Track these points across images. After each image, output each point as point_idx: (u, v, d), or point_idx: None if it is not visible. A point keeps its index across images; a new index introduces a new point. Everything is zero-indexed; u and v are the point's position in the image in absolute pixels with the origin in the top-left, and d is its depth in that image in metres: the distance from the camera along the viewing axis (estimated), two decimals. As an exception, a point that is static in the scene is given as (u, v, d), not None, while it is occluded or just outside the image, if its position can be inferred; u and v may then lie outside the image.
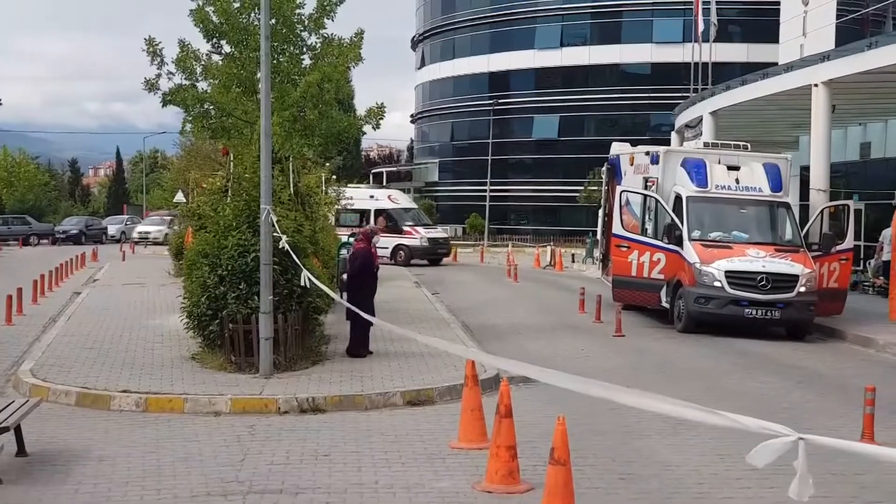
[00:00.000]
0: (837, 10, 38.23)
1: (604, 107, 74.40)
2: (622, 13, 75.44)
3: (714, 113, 33.52)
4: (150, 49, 18.90)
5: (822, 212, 23.54)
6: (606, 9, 75.45)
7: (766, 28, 55.36)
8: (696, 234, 21.48)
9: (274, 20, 18.08)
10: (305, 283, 13.62)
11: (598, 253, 33.22)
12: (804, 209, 28.54)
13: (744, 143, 24.54)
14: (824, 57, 25.85)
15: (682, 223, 21.54)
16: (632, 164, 25.26)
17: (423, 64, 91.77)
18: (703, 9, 49.31)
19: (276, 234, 13.69)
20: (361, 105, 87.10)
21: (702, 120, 34.85)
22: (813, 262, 21.10)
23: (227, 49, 19.66)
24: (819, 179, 25.54)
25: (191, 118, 19.94)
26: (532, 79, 79.27)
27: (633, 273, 22.41)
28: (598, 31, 76.37)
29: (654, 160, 23.61)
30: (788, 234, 22.10)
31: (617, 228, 22.84)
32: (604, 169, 30.47)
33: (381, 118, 20.43)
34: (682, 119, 39.58)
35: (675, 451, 10.57)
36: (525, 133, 79.99)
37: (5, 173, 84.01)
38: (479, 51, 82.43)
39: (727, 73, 45.00)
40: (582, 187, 62.61)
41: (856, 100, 28.53)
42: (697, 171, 22.24)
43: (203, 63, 19.54)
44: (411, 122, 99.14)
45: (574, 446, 8.26)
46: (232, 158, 21.21)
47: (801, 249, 21.41)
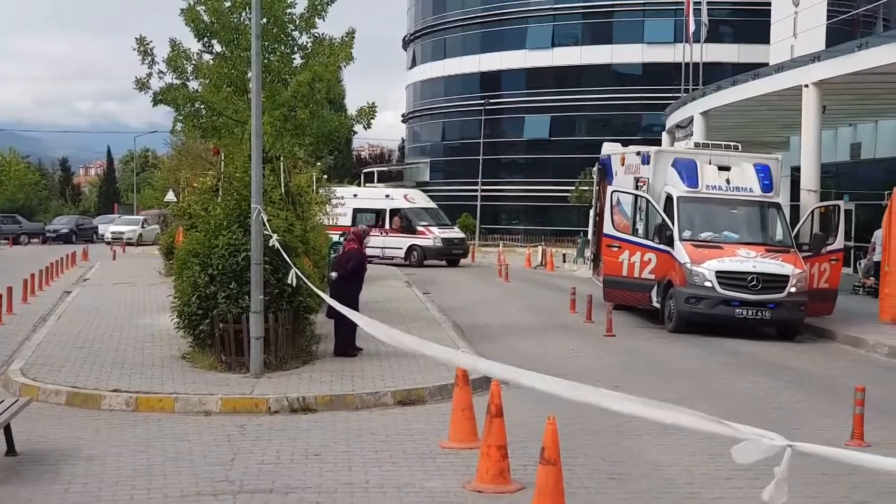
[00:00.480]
0: (828, 10, 38.31)
1: (595, 107, 74.43)
2: (613, 13, 75.52)
3: (705, 113, 33.59)
4: (141, 48, 18.87)
5: (812, 212, 23.60)
6: (598, 9, 75.50)
7: (757, 29, 55.48)
8: (687, 234, 21.51)
9: (265, 19, 18.07)
10: (292, 281, 13.61)
11: (589, 253, 33.23)
12: (795, 209, 28.62)
13: (734, 143, 24.59)
14: (815, 58, 25.92)
15: (673, 223, 21.57)
16: (623, 164, 25.29)
17: (414, 64, 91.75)
18: (695, 9, 49.39)
19: (266, 233, 13.68)
20: (352, 105, 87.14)
21: (693, 120, 34.92)
22: (803, 263, 21.14)
23: (217, 48, 19.63)
24: (809, 180, 25.60)
25: (181, 117, 19.91)
26: (523, 79, 79.30)
27: (624, 273, 22.43)
28: (589, 32, 76.42)
29: (645, 160, 23.64)
30: (779, 235, 22.15)
31: (608, 228, 22.86)
32: (595, 169, 30.49)
33: (373, 118, 20.41)
34: (673, 119, 39.65)
35: (666, 450, 10.58)
36: (516, 133, 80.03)
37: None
38: (470, 51, 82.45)
39: (718, 74, 45.10)
40: (573, 187, 62.65)
41: (846, 100, 28.61)
42: (688, 172, 22.28)
43: (194, 62, 19.51)
44: (402, 121, 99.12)
45: (564, 446, 8.27)
46: (223, 158, 21.19)
47: (792, 250, 21.46)
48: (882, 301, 22.67)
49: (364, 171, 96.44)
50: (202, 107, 19.66)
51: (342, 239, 19.22)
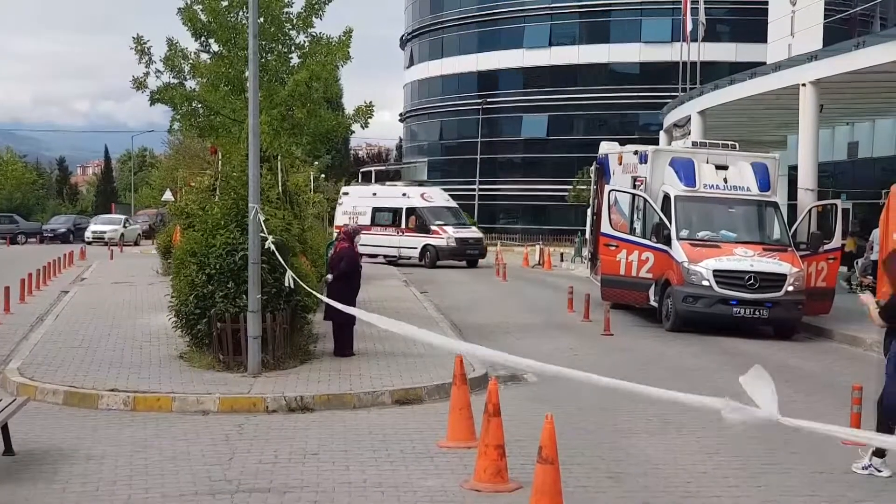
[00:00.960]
0: (825, 10, 38.29)
1: (592, 106, 74.44)
2: (611, 13, 75.52)
3: (702, 112, 33.59)
4: (139, 47, 18.89)
5: (809, 211, 23.61)
6: (595, 8, 75.51)
7: (754, 28, 55.44)
8: (685, 233, 21.51)
9: (262, 19, 18.10)
10: (289, 284, 13.61)
11: (586, 252, 33.26)
12: (792, 208, 28.61)
13: (732, 142, 24.58)
14: (812, 57, 25.92)
15: (671, 222, 21.57)
16: (620, 163, 25.28)
17: (411, 63, 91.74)
18: (692, 8, 49.39)
19: (262, 235, 13.67)
20: (350, 104, 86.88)
21: (690, 119, 34.92)
22: (801, 262, 21.15)
23: (215, 48, 19.67)
24: (807, 179, 25.61)
25: (179, 117, 19.94)
26: (521, 78, 79.30)
27: (622, 272, 22.44)
28: (586, 31, 76.43)
29: (643, 159, 23.64)
30: (776, 234, 22.15)
31: (605, 227, 22.87)
32: (592, 168, 30.51)
33: (370, 117, 20.45)
34: (670, 118, 39.65)
35: (663, 449, 10.58)
36: (514, 132, 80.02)
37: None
38: (467, 50, 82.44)
39: (715, 73, 45.05)
40: (571, 186, 62.67)
41: (843, 99, 28.63)
42: (686, 171, 22.28)
43: (191, 61, 19.54)
44: (400, 121, 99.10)
45: (562, 445, 8.27)
46: (220, 157, 21.22)
47: (789, 249, 21.46)
48: (879, 299, 22.64)
49: (362, 170, 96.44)
50: (199, 106, 19.70)
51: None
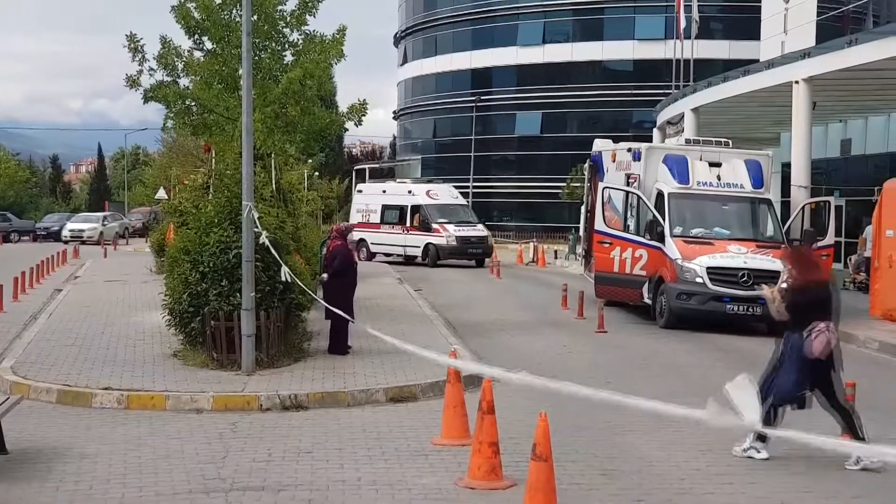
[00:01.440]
0: (818, 7, 38.40)
1: (586, 103, 74.41)
2: (604, 10, 75.48)
3: (696, 110, 33.63)
4: (132, 45, 18.86)
5: (803, 208, 23.64)
6: (588, 5, 75.46)
7: (747, 25, 55.60)
8: (678, 230, 21.53)
9: (256, 16, 18.06)
10: (285, 278, 13.62)
11: (580, 249, 33.26)
12: (785, 205, 28.65)
13: (725, 139, 24.61)
14: (805, 54, 25.97)
15: (664, 220, 21.59)
16: (614, 160, 25.30)
17: (405, 60, 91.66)
18: (685, 6, 49.46)
19: (257, 231, 13.67)
20: (344, 102, 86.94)
21: (683, 117, 34.95)
22: (794, 259, 21.14)
23: (208, 45, 19.63)
24: (800, 176, 25.66)
25: (172, 115, 19.91)
26: (514, 75, 79.28)
27: (616, 269, 22.46)
28: (580, 28, 76.41)
29: (636, 157, 23.65)
30: (770, 231, 22.19)
31: (599, 225, 22.89)
32: (586, 165, 30.49)
33: (364, 115, 20.43)
34: (664, 116, 39.69)
35: (657, 446, 10.60)
36: (508, 130, 79.99)
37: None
38: (461, 47, 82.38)
39: (709, 70, 45.08)
40: (564, 184, 62.60)
41: (836, 97, 28.67)
42: (679, 168, 22.30)
43: (184, 59, 19.51)
44: (394, 118, 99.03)
45: (556, 442, 8.28)
46: (214, 155, 21.19)
47: (783, 245, 21.47)
48: (873, 296, 22.72)
49: (355, 168, 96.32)
50: (193, 104, 19.66)
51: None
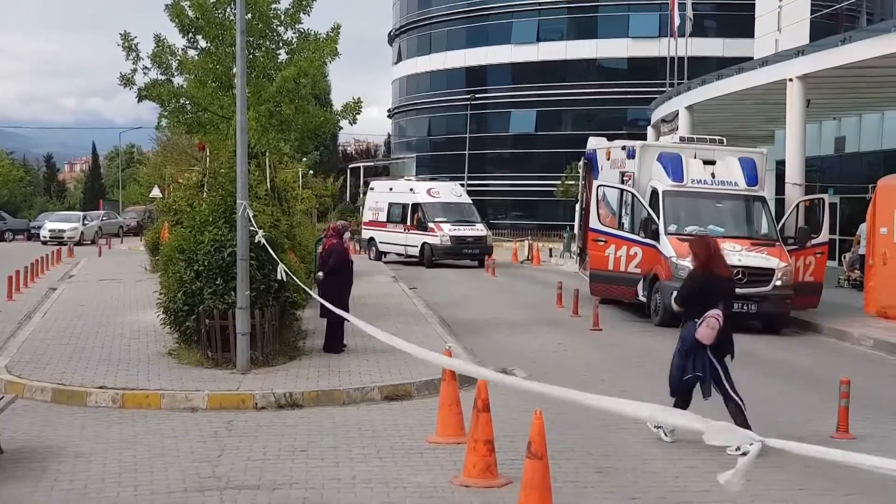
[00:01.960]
0: (812, 5, 38.40)
1: (580, 101, 74.41)
2: (598, 8, 75.49)
3: (690, 107, 33.62)
4: (126, 44, 18.84)
5: (797, 206, 23.66)
6: (583, 3, 75.48)
7: (741, 23, 55.53)
8: (673, 228, 21.54)
9: (250, 15, 18.06)
10: (282, 276, 13.63)
11: (575, 247, 33.30)
12: (780, 203, 28.68)
13: (719, 137, 24.61)
14: (799, 52, 25.97)
15: (659, 217, 21.61)
16: (608, 158, 25.32)
17: (399, 59, 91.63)
18: (679, 3, 49.41)
19: (252, 229, 13.67)
20: (338, 100, 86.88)
21: (678, 114, 34.95)
22: (789, 256, 21.20)
23: (202, 44, 19.62)
24: (794, 173, 25.66)
25: (166, 113, 19.91)
26: (509, 74, 79.28)
27: (611, 267, 22.47)
28: (574, 26, 76.42)
29: (631, 155, 23.66)
30: (764, 228, 22.21)
31: (594, 223, 22.90)
32: (581, 163, 30.52)
33: (358, 113, 20.43)
34: (658, 114, 39.68)
35: (652, 444, 10.61)
36: (502, 128, 79.99)
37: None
38: (455, 46, 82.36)
39: (703, 68, 45.07)
40: (559, 182, 62.65)
41: (830, 94, 28.68)
42: (673, 166, 22.31)
43: (179, 58, 19.50)
44: (388, 116, 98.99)
45: (551, 440, 8.28)
46: (208, 153, 21.19)
47: (777, 243, 21.52)
48: (867, 294, 22.76)
49: (350, 166, 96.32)
50: (187, 102, 19.66)
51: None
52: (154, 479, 9.07)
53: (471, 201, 42.19)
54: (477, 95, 78.10)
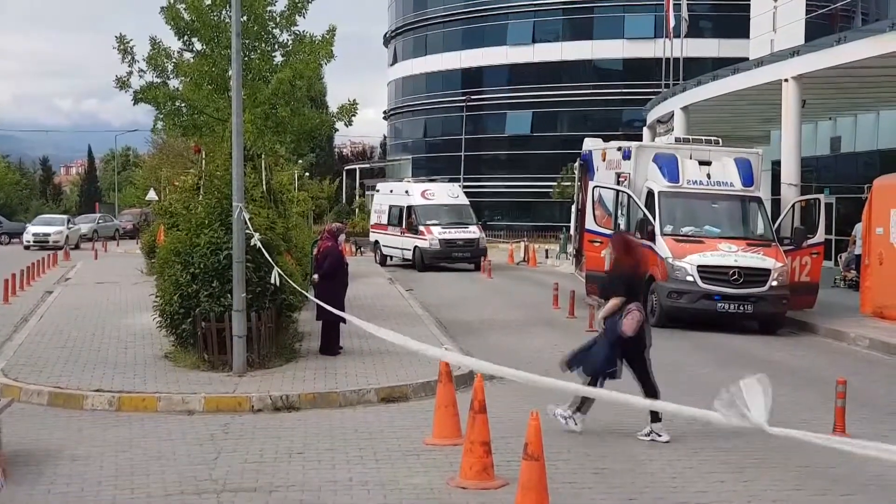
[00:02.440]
0: (807, 5, 38.49)
1: (576, 102, 74.44)
2: (594, 9, 75.50)
3: (685, 108, 33.66)
4: (122, 47, 18.85)
5: (793, 206, 23.69)
6: (578, 5, 75.50)
7: (736, 23, 55.66)
8: (669, 228, 21.56)
9: (245, 17, 18.07)
10: (275, 281, 13.62)
11: (571, 248, 33.28)
12: (776, 203, 28.71)
13: (715, 138, 24.64)
14: (794, 52, 26.01)
15: (655, 218, 21.62)
16: (604, 159, 25.33)
17: (395, 60, 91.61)
18: (674, 4, 49.52)
19: (248, 232, 13.66)
20: (334, 102, 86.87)
21: (673, 115, 34.99)
22: (785, 256, 21.22)
23: (198, 46, 19.61)
24: (790, 174, 25.70)
25: (162, 116, 19.90)
26: (505, 75, 79.26)
27: (607, 268, 22.44)
28: (569, 28, 76.43)
29: (626, 156, 23.67)
30: (760, 229, 22.22)
31: (590, 224, 22.91)
32: (576, 164, 30.54)
33: (354, 115, 20.44)
34: (653, 114, 39.73)
35: (649, 445, 10.61)
36: (498, 129, 79.99)
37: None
38: (451, 47, 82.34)
39: (698, 69, 45.15)
40: (555, 183, 62.66)
41: (826, 94, 28.72)
42: (669, 167, 22.32)
43: (174, 60, 19.50)
44: (384, 118, 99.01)
45: (548, 442, 8.29)
46: (204, 156, 21.16)
47: (773, 243, 21.53)
48: (863, 294, 22.78)
49: (346, 168, 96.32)
50: (183, 105, 19.66)
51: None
52: (151, 482, 9.06)
53: (468, 203, 41.14)
54: (473, 97, 78.10)
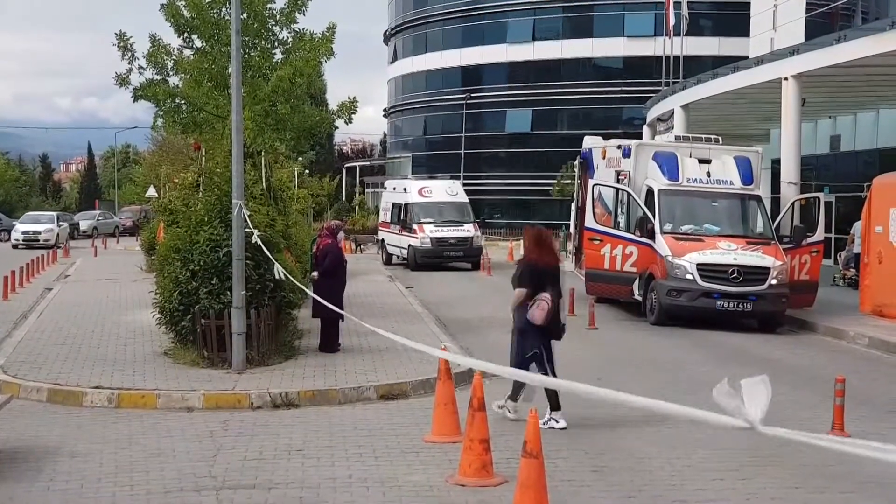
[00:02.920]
0: (807, 4, 38.43)
1: (576, 100, 74.45)
2: (594, 7, 75.50)
3: (685, 106, 33.65)
4: (121, 44, 18.85)
5: (792, 204, 23.69)
6: (578, 3, 75.50)
7: (736, 22, 55.61)
8: (668, 227, 21.56)
9: (245, 14, 18.08)
10: (277, 275, 13.63)
11: (571, 246, 33.27)
12: (775, 202, 28.71)
13: (715, 136, 24.63)
14: (794, 50, 25.99)
15: (654, 216, 21.62)
16: (604, 157, 25.34)
17: (395, 58, 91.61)
18: (675, 3, 49.48)
19: (248, 230, 13.66)
20: (333, 99, 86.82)
21: (673, 113, 34.97)
22: (784, 255, 21.22)
23: (198, 44, 19.63)
24: (790, 172, 25.69)
25: (162, 113, 19.93)
26: (504, 73, 79.26)
27: (606, 266, 22.47)
28: (569, 25, 76.41)
29: (626, 154, 23.67)
30: (760, 227, 22.22)
31: (589, 222, 22.90)
32: (576, 162, 30.54)
33: (354, 112, 20.45)
34: (653, 113, 39.71)
35: (648, 443, 10.61)
36: (498, 127, 79.99)
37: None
38: (451, 45, 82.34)
39: (698, 67, 45.15)
40: (555, 181, 62.68)
41: (825, 93, 28.71)
42: (669, 165, 22.32)
43: (174, 58, 19.51)
44: (384, 116, 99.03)
45: (547, 439, 8.29)
46: (203, 153, 21.14)
47: (773, 242, 21.53)
48: (862, 292, 22.78)
49: (346, 165, 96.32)
50: (183, 102, 19.67)
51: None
52: (150, 479, 9.07)
53: (467, 200, 39.99)
54: (473, 95, 78.12)
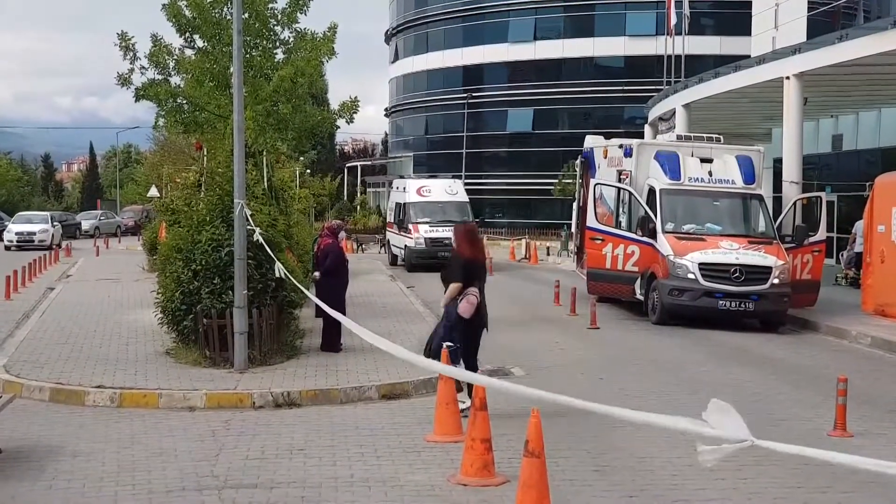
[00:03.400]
0: (809, 3, 38.47)
1: (577, 100, 74.45)
2: (595, 6, 75.49)
3: (687, 106, 33.64)
4: (123, 44, 18.86)
5: (794, 203, 23.68)
6: (579, 2, 75.50)
7: (738, 21, 55.62)
8: (670, 226, 21.56)
9: (247, 14, 18.09)
10: (279, 274, 13.63)
11: (572, 246, 33.27)
12: (777, 201, 28.71)
13: (717, 135, 24.62)
14: (795, 49, 25.98)
15: (656, 216, 21.62)
16: (605, 157, 25.33)
17: (396, 58, 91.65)
18: (676, 2, 49.45)
19: (249, 228, 13.67)
20: (335, 99, 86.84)
21: (675, 113, 34.97)
22: (786, 254, 21.22)
23: (199, 43, 19.64)
24: (792, 171, 25.68)
25: (164, 113, 19.94)
26: (506, 72, 79.27)
27: (608, 265, 22.47)
28: (571, 25, 76.42)
29: (628, 153, 23.67)
30: (761, 226, 22.21)
31: (591, 221, 22.90)
32: (578, 162, 30.53)
33: (355, 112, 20.45)
34: (655, 112, 39.71)
35: (649, 442, 10.60)
36: (499, 126, 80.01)
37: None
38: (452, 44, 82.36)
39: (700, 66, 45.16)
40: (556, 180, 62.70)
41: (827, 92, 28.71)
42: (671, 164, 22.32)
43: (176, 58, 19.52)
44: (385, 115, 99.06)
45: (548, 439, 8.28)
46: (205, 153, 21.17)
47: (775, 241, 21.52)
48: (864, 292, 22.77)
49: (347, 165, 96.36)
50: (184, 102, 19.68)
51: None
52: (152, 479, 9.07)
53: (467, 199, 39.38)
54: (474, 94, 78.13)
